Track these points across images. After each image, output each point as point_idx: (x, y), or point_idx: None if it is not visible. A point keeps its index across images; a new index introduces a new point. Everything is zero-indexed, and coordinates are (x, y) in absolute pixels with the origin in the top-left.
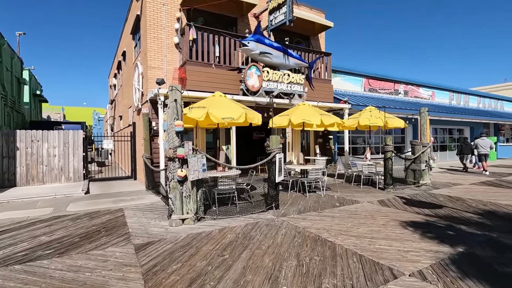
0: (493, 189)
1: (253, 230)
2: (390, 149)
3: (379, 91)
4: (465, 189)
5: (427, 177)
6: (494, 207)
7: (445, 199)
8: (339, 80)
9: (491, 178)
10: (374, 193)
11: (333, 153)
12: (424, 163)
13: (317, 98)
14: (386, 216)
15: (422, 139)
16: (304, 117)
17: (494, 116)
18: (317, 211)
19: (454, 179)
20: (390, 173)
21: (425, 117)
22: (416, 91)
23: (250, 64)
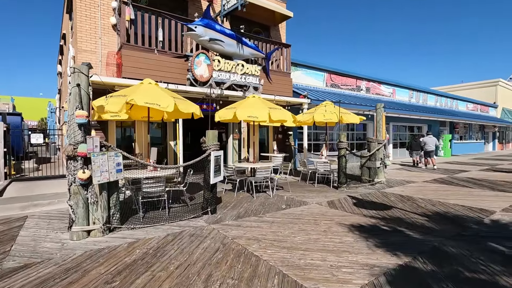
0: (444, 187)
1: (171, 243)
2: (344, 146)
3: (341, 87)
4: (418, 187)
5: (382, 175)
6: (442, 208)
7: (396, 199)
8: (300, 74)
9: (444, 175)
10: (327, 192)
11: (293, 149)
12: (379, 161)
13: (274, 92)
14: (330, 220)
15: (377, 136)
16: (251, 110)
17: (450, 115)
18: (259, 215)
19: (409, 177)
20: (343, 171)
21: (381, 114)
22: (377, 88)
23: (199, 52)
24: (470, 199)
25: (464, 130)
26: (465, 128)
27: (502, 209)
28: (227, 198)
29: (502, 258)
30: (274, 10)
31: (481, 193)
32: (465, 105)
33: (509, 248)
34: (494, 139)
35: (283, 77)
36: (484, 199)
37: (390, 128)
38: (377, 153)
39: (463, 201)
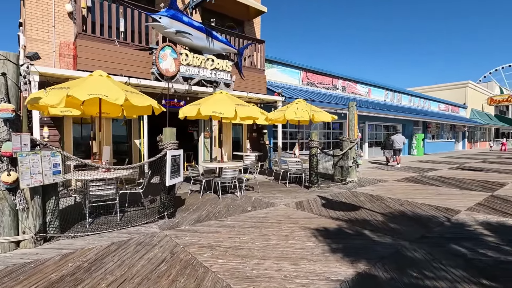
0: (414, 186)
1: (113, 254)
2: (315, 145)
3: (317, 85)
4: (389, 186)
5: (354, 174)
6: (409, 208)
7: (365, 199)
8: (276, 71)
9: (415, 174)
10: (297, 192)
11: (268, 148)
12: (351, 160)
13: (247, 89)
14: (295, 223)
15: (350, 135)
16: (217, 106)
17: (423, 115)
18: (220, 218)
19: (381, 175)
20: (315, 170)
21: (354, 112)
22: (353, 87)
23: (164, 44)
24: (437, 198)
25: (436, 130)
26: (437, 128)
27: (467, 208)
28: (192, 200)
29: (464, 262)
30: (247, 4)
31: (448, 191)
32: (437, 105)
33: (471, 250)
34: (464, 138)
35: (256, 73)
36: (451, 198)
37: (366, 127)
38: (349, 152)
39: (430, 200)
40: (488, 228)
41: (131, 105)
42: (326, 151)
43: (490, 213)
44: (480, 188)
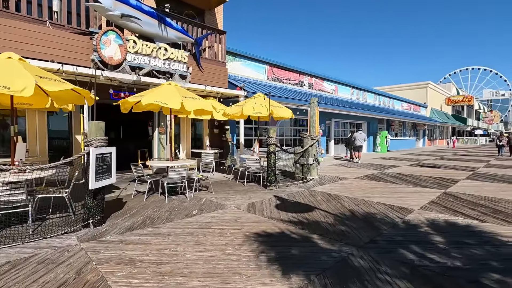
0: (373, 183)
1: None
2: (273, 142)
3: (284, 81)
4: (348, 184)
5: (314, 172)
6: (364, 208)
7: (322, 198)
8: (240, 65)
9: (376, 171)
10: (254, 192)
11: (230, 145)
12: (312, 157)
13: (206, 82)
14: (240, 228)
15: (311, 131)
16: (160, 98)
17: (387, 113)
18: (157, 225)
19: (343, 173)
20: (273, 169)
21: (315, 108)
22: (320, 84)
23: (107, 29)
24: (393, 197)
25: (399, 128)
26: (400, 126)
27: (421, 207)
28: (134, 203)
29: (410, 271)
30: None
31: (405, 189)
32: (400, 104)
33: (419, 256)
34: (424, 136)
35: (217, 66)
36: (407, 196)
37: (333, 124)
38: (310, 149)
39: (386, 198)
40: (438, 229)
41: (57, 94)
42: (286, 148)
43: (442, 211)
44: (435, 185)
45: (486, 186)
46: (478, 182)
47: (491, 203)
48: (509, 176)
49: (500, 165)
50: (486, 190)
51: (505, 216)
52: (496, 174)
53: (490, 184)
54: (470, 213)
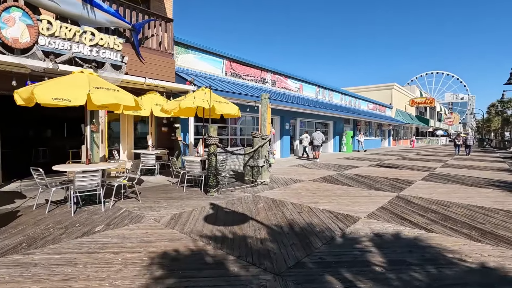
0: (326, 186)
1: None
2: (213, 142)
3: (244, 77)
4: (300, 187)
5: (266, 174)
6: (305, 217)
7: (265, 206)
8: (193, 58)
9: (334, 172)
10: (190, 200)
11: (182, 146)
12: (262, 159)
13: (148, 74)
14: (142, 251)
15: (262, 130)
16: (61, 91)
17: (353, 113)
18: (33, 249)
19: (300, 174)
20: (213, 172)
21: (266, 105)
22: (284, 82)
23: (8, 4)
24: (343, 202)
25: (365, 128)
26: (366, 126)
27: (368, 214)
28: (29, 217)
29: None
30: None
31: (357, 193)
32: (367, 104)
33: (347, 284)
34: (390, 136)
35: (162, 57)
36: (357, 201)
37: (297, 123)
38: (261, 150)
39: (334, 205)
40: (380, 243)
41: None
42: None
43: (389, 220)
44: (389, 187)
45: (439, 188)
46: (433, 184)
47: (441, 208)
48: (462, 177)
49: (456, 165)
50: (439, 193)
51: (454, 223)
52: (451, 174)
53: (444, 185)
54: (418, 220)
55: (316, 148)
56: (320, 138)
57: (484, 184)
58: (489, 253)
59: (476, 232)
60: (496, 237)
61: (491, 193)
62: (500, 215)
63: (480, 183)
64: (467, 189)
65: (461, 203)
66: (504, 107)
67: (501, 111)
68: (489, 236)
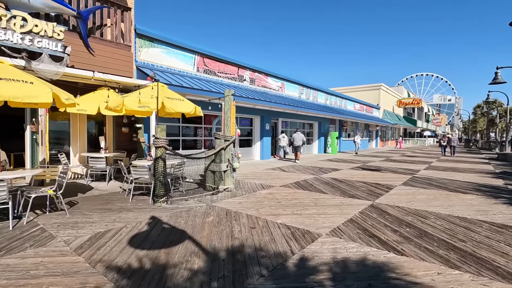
0: (296, 193)
1: None
2: (161, 144)
3: (219, 75)
4: (267, 195)
5: (229, 180)
6: (257, 234)
7: (214, 220)
8: (160, 52)
9: (311, 176)
10: (130, 212)
11: (144, 147)
12: (225, 163)
13: (98, 68)
14: None
15: (225, 131)
16: None
17: (339, 113)
18: None
19: (273, 179)
20: (161, 179)
21: (230, 103)
22: (264, 80)
23: None
24: (307, 214)
25: (352, 128)
26: (353, 126)
27: (332, 229)
28: None
29: None
30: None
31: (328, 201)
32: (353, 105)
33: None
34: (377, 137)
35: (118, 50)
36: (324, 211)
37: (279, 124)
38: (223, 153)
39: (296, 217)
40: (334, 272)
41: None
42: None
43: (354, 238)
44: (365, 194)
45: (419, 194)
46: (413, 189)
47: (418, 220)
48: (445, 181)
49: (440, 167)
50: (418, 200)
51: (430, 241)
52: (434, 178)
53: (425, 191)
54: (389, 238)
55: (297, 149)
56: (300, 139)
57: (468, 189)
58: (469, 286)
59: (455, 254)
60: (478, 261)
61: (475, 200)
62: (483, 229)
63: (463, 188)
64: (449, 195)
65: (441, 214)
66: (489, 108)
67: (487, 112)
68: (469, 260)
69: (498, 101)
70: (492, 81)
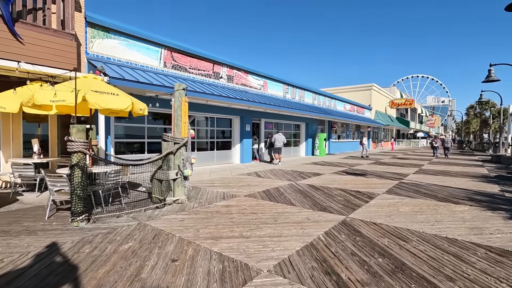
0: (259, 205)
1: None
2: (77, 149)
3: (190, 71)
4: (223, 208)
5: (180, 190)
6: (173, 273)
7: (134, 245)
8: (118, 44)
9: (286, 182)
10: (30, 236)
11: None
12: (175, 170)
13: (28, 58)
14: None
15: (175, 132)
16: None
17: (327, 114)
18: None
19: (241, 186)
20: (78, 193)
21: (181, 99)
22: (243, 78)
23: None
24: (258, 235)
25: (342, 129)
26: (343, 128)
27: (278, 262)
28: None
29: None
30: None
31: (293, 216)
32: (343, 105)
33: None
34: (369, 138)
35: (56, 38)
36: (281, 232)
37: (262, 124)
38: (172, 158)
39: (241, 242)
40: None
41: None
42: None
43: (304, 277)
44: (340, 205)
45: (403, 205)
46: (397, 198)
47: (396, 244)
48: (434, 187)
49: (431, 171)
50: (401, 214)
51: (407, 281)
52: (423, 184)
53: (410, 201)
54: (353, 275)
55: (278, 151)
56: (281, 140)
57: (460, 198)
58: None
59: None
60: None
61: (467, 213)
62: (478, 258)
63: (454, 196)
64: (437, 207)
65: (426, 233)
66: (482, 109)
67: (480, 113)
68: None
69: (491, 102)
70: (485, 79)
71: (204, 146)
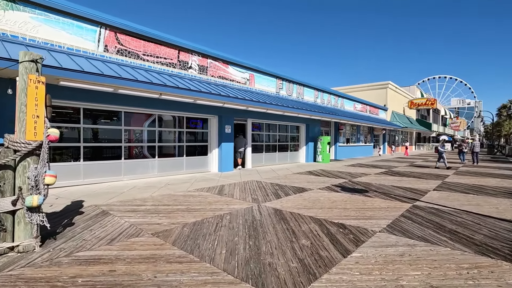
0: (158, 259)
1: None
2: None
3: (145, 58)
4: (89, 266)
5: (23, 230)
6: None
7: None
8: (30, 19)
9: (244, 206)
10: None
11: None
12: (12, 196)
13: None
14: None
15: (18, 131)
16: None
17: (330, 113)
18: None
19: (175, 210)
20: None
21: (27, 77)
22: (222, 70)
23: None
24: None
25: (351, 132)
26: (353, 130)
27: None
28: None
29: None
30: None
31: None
32: (353, 104)
33: None
34: (384, 142)
35: None
36: None
37: (248, 125)
38: (9, 176)
39: None
40: None
41: None
42: None
43: None
44: (293, 266)
45: (412, 269)
46: (403, 246)
47: None
48: (466, 219)
49: (458, 185)
50: None
51: None
52: (447, 210)
53: (426, 254)
54: None
55: (239, 154)
56: (242, 143)
57: (510, 244)
58: None
59: None
60: None
61: None
62: None
63: (500, 240)
64: (478, 269)
65: None
66: None
67: None
68: None
69: None
70: None
71: (171, 151)
